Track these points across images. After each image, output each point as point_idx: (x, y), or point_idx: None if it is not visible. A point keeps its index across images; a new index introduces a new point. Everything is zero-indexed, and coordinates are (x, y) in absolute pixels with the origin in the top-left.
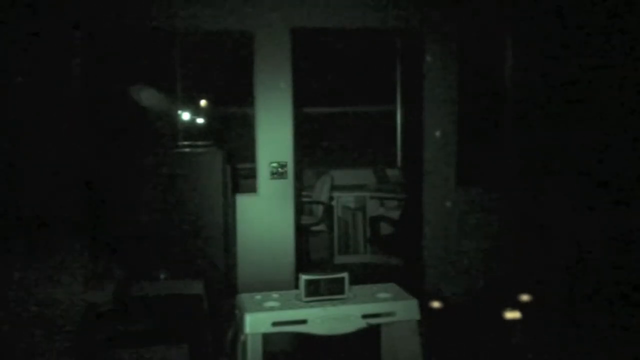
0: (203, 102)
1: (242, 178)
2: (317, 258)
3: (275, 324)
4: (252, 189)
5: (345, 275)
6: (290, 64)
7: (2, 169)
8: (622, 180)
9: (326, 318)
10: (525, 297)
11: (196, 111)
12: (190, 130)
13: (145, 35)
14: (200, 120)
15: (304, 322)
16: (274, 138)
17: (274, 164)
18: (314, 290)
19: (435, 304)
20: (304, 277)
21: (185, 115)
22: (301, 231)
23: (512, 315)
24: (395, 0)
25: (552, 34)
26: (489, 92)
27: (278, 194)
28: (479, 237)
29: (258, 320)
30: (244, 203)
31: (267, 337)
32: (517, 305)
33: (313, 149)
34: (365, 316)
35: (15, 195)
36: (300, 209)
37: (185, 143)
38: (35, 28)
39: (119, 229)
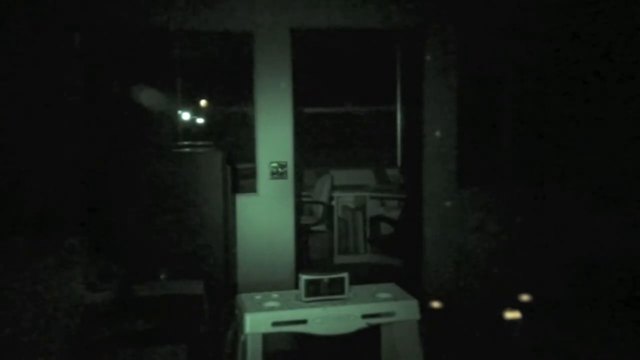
0: (203, 102)
1: (242, 178)
2: (317, 258)
3: (275, 324)
4: (252, 189)
5: (345, 275)
6: (290, 64)
7: (3, 169)
8: (623, 180)
9: (326, 318)
10: (525, 297)
11: (196, 111)
12: (190, 130)
13: (145, 35)
14: (200, 120)
15: (304, 322)
16: (274, 138)
17: (274, 164)
18: (314, 290)
19: (435, 304)
20: (304, 277)
21: (185, 115)
22: (301, 231)
23: (512, 315)
24: (395, 1)
25: (553, 34)
26: (488, 92)
27: (278, 194)
28: (479, 237)
29: (258, 320)
30: (244, 203)
31: (267, 337)
32: (517, 305)
33: (313, 149)
34: (365, 316)
35: (16, 195)
36: (300, 209)
37: (185, 143)
38: (36, 28)
39: (119, 229)
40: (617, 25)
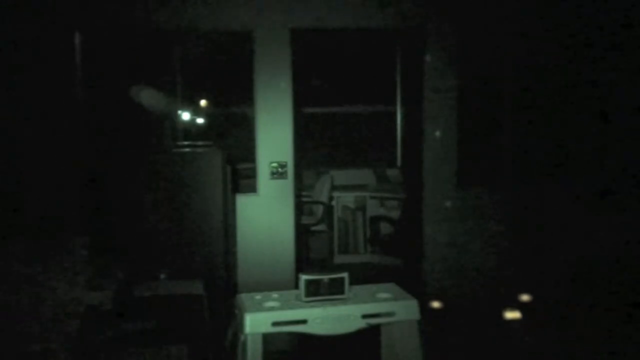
0: (203, 102)
1: (242, 178)
2: (317, 258)
3: (275, 324)
4: (252, 189)
5: (345, 275)
6: (290, 64)
7: (3, 170)
8: (622, 180)
9: (326, 318)
10: (525, 297)
11: (196, 111)
12: (191, 130)
13: (145, 35)
14: (200, 120)
15: (304, 322)
16: (274, 138)
17: (274, 164)
18: (314, 290)
19: (435, 304)
20: (304, 277)
21: (185, 115)
22: (301, 231)
23: (512, 315)
24: (396, 0)
25: (553, 34)
26: (488, 92)
27: (278, 194)
28: (479, 237)
29: (258, 320)
30: (244, 203)
31: (267, 337)
32: (517, 305)
33: (313, 149)
34: (365, 316)
35: (16, 195)
36: (300, 209)
37: (185, 143)
38: (36, 29)
39: (119, 229)
40: (617, 25)
